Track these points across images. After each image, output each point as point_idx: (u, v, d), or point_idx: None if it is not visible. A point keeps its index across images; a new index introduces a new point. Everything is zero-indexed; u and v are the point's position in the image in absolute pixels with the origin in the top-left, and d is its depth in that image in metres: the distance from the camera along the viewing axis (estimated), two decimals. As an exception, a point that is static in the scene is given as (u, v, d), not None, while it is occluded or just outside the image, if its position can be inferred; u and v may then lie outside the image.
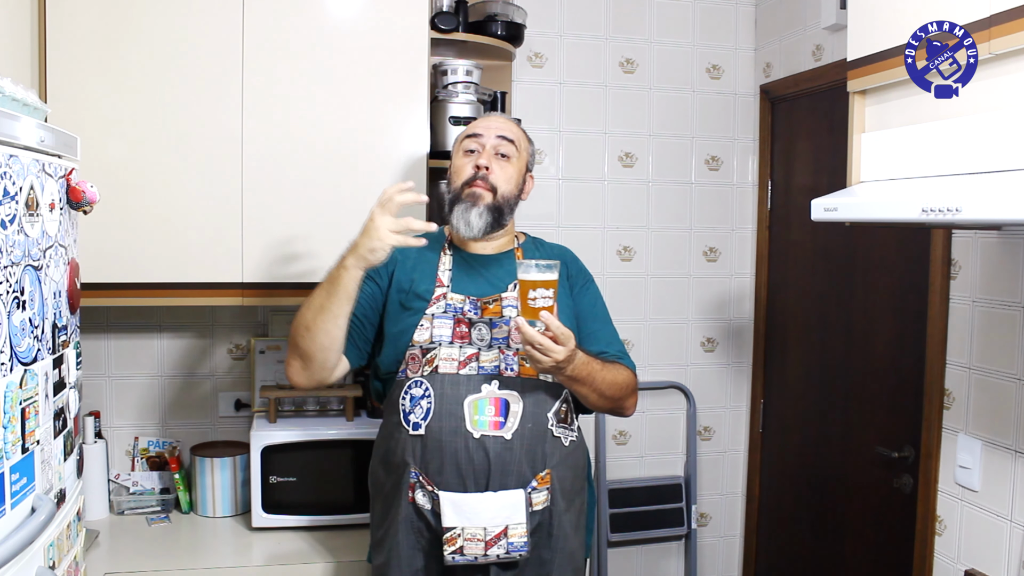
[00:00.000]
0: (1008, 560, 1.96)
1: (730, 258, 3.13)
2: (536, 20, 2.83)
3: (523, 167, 1.95)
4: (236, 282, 2.26)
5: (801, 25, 2.82)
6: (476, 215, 1.85)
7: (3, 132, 1.17)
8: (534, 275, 1.65)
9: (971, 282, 2.11)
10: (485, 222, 1.85)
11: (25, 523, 1.18)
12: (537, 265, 1.65)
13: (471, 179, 1.87)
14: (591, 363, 1.76)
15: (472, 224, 1.85)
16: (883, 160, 1.72)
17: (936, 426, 2.19)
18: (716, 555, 3.20)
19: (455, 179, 1.91)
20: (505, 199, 1.88)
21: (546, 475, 1.80)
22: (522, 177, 1.94)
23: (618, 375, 1.84)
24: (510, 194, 1.90)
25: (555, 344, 1.64)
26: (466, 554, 1.73)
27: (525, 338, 1.64)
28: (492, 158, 1.88)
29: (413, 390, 1.80)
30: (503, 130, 1.91)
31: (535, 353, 1.65)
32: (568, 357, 1.67)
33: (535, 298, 1.64)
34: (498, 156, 1.89)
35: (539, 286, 1.64)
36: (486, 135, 1.90)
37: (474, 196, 1.86)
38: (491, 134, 1.90)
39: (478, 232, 1.86)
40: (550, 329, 1.64)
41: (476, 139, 1.90)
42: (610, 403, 1.86)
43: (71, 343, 1.47)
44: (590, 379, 1.77)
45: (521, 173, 1.94)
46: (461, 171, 1.90)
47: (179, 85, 2.20)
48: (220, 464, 2.44)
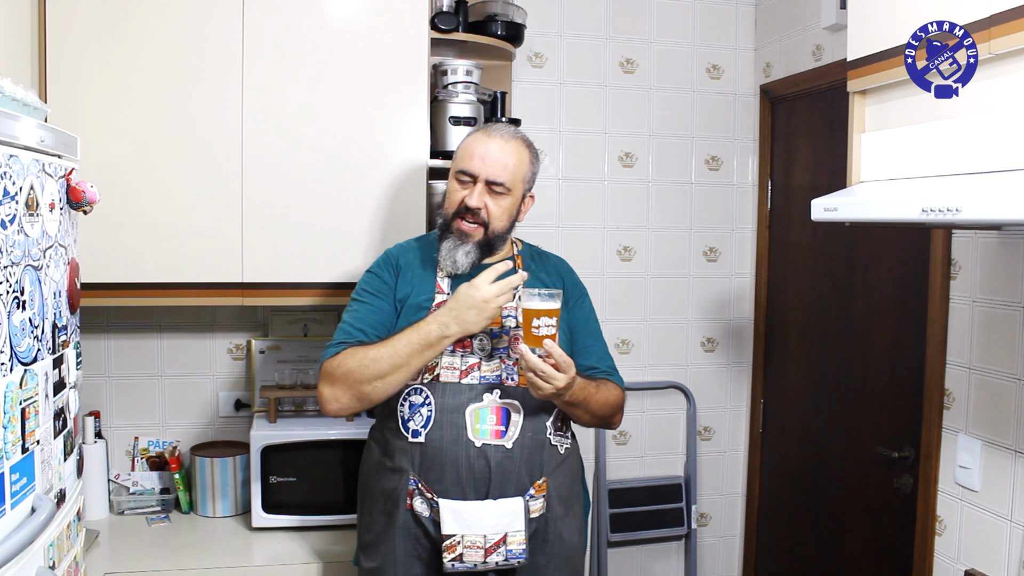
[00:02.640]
0: (1008, 560, 1.96)
1: (730, 258, 3.13)
2: (536, 20, 2.82)
3: (519, 196, 1.89)
4: (236, 282, 2.26)
5: (801, 25, 2.82)
6: (463, 254, 1.83)
7: (3, 132, 1.17)
8: (537, 304, 1.68)
9: (971, 282, 2.11)
10: (472, 260, 1.84)
11: (25, 523, 1.18)
12: (540, 294, 1.69)
13: (461, 213, 1.84)
14: (587, 387, 1.79)
15: (458, 263, 1.84)
16: (883, 160, 1.72)
17: (936, 426, 2.19)
18: (716, 555, 3.20)
19: (447, 205, 1.87)
20: (496, 233, 1.86)
21: (543, 483, 1.83)
22: (518, 205, 1.89)
23: (610, 395, 1.87)
24: (502, 228, 1.87)
25: (556, 372, 1.67)
26: (465, 561, 1.74)
27: (527, 365, 1.67)
28: (484, 194, 1.83)
29: (412, 397, 1.80)
30: (497, 170, 1.82)
31: (537, 380, 1.68)
32: (568, 384, 1.70)
33: (539, 326, 1.67)
34: (492, 192, 1.84)
35: (543, 315, 1.67)
36: (480, 175, 1.82)
37: (462, 234, 1.83)
38: (486, 171, 1.82)
39: (464, 271, 1.84)
40: (552, 357, 1.67)
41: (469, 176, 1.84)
42: (600, 421, 1.90)
43: (71, 343, 1.47)
44: (585, 402, 1.80)
45: (517, 203, 1.88)
46: (452, 199, 1.86)
47: (179, 85, 2.20)
48: (220, 464, 2.44)
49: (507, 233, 1.90)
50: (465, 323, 1.71)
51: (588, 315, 1.99)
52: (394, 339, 1.74)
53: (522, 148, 1.88)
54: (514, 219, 1.90)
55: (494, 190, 1.83)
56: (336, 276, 2.31)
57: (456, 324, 1.71)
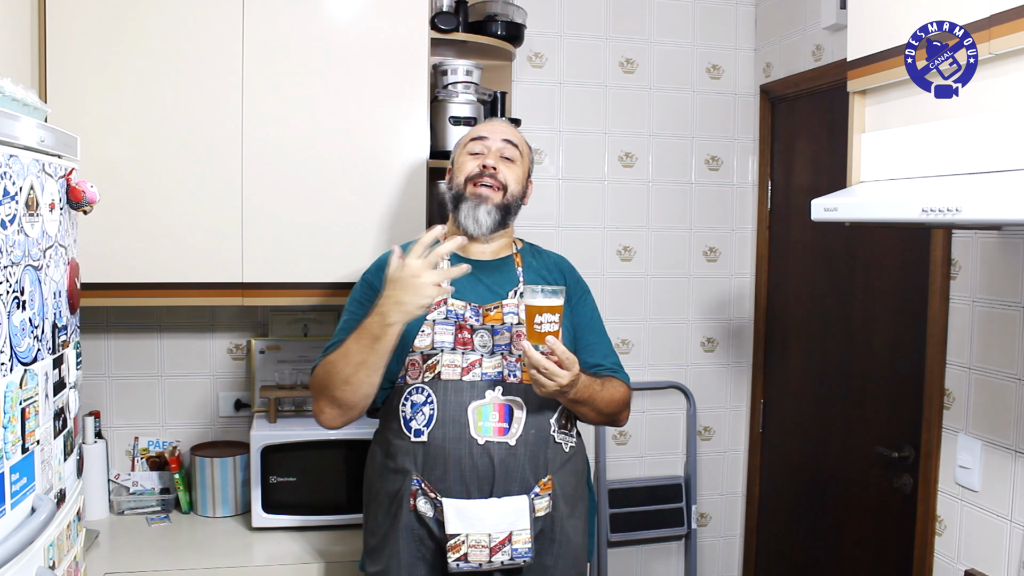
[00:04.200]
0: (1008, 560, 1.96)
1: (730, 258, 3.13)
2: (536, 20, 2.82)
3: (526, 171, 1.95)
4: (236, 282, 2.26)
5: (801, 25, 2.82)
6: (485, 212, 1.85)
7: (3, 132, 1.17)
8: (540, 301, 1.67)
9: (971, 282, 2.11)
10: (494, 220, 1.86)
11: (25, 523, 1.18)
12: (544, 291, 1.68)
13: (476, 176, 1.86)
14: (592, 384, 1.78)
15: (481, 222, 1.85)
16: (883, 160, 1.72)
17: (936, 426, 2.19)
18: (716, 555, 3.20)
19: (458, 175, 1.90)
20: (514, 197, 1.90)
21: (548, 481, 1.81)
22: (525, 181, 1.95)
23: (615, 392, 1.86)
24: (518, 193, 1.91)
25: (560, 369, 1.66)
26: (470, 561, 1.72)
27: (530, 362, 1.66)
28: (499, 160, 1.89)
29: (414, 396, 1.80)
30: (507, 134, 1.93)
31: (540, 377, 1.67)
32: (572, 381, 1.69)
33: (541, 323, 1.67)
34: (503, 159, 1.89)
35: (545, 311, 1.67)
36: (491, 138, 1.90)
37: (480, 196, 1.85)
38: (496, 137, 1.91)
39: (487, 230, 1.86)
40: (555, 354, 1.66)
41: (481, 142, 1.90)
42: (606, 419, 1.89)
43: (71, 343, 1.47)
44: (591, 400, 1.79)
45: (525, 176, 1.95)
46: (464, 167, 1.89)
47: (179, 85, 2.20)
48: (220, 464, 2.44)
49: (519, 203, 1.93)
50: (403, 305, 1.63)
51: (591, 312, 1.98)
52: (347, 340, 1.73)
53: (520, 134, 1.98)
54: (524, 192, 1.94)
55: (505, 156, 1.89)
56: (337, 276, 2.31)
57: (395, 310, 1.63)
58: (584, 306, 1.97)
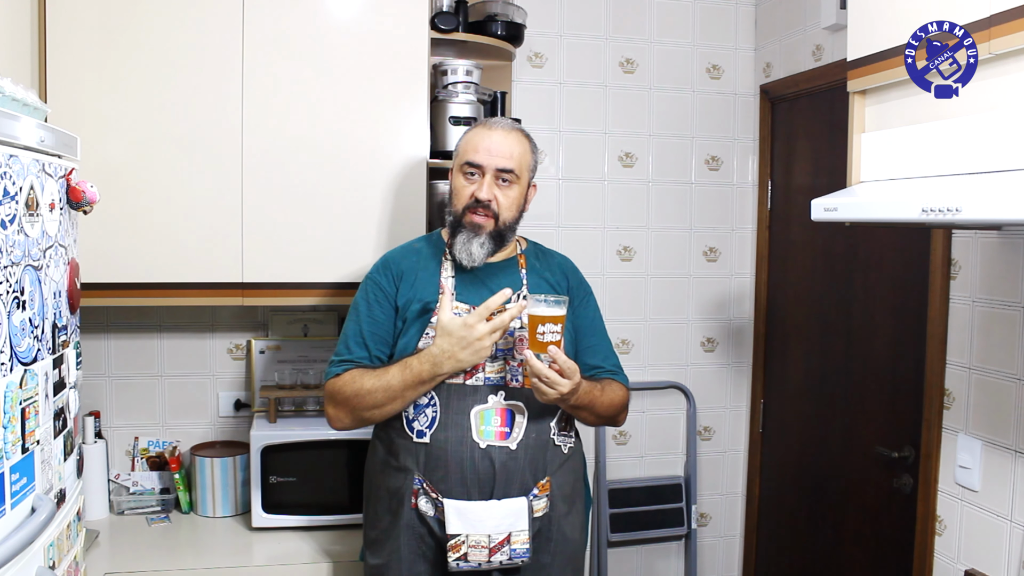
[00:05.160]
0: (1008, 560, 1.96)
1: (730, 258, 3.13)
2: (536, 20, 2.82)
3: (525, 186, 1.91)
4: (236, 282, 2.26)
5: (801, 25, 2.82)
6: (478, 246, 1.84)
7: (3, 132, 1.17)
8: (543, 310, 1.68)
9: (971, 282, 2.11)
10: (487, 251, 1.85)
11: (25, 523, 1.18)
12: (546, 300, 1.69)
13: (472, 206, 1.84)
14: (592, 390, 1.79)
15: (474, 255, 1.84)
16: (883, 160, 1.72)
17: (936, 426, 2.19)
18: (716, 555, 3.20)
19: (455, 201, 1.88)
20: (507, 224, 1.87)
21: (546, 482, 1.84)
22: (524, 195, 1.91)
23: (615, 396, 1.88)
24: (512, 219, 1.89)
25: (561, 378, 1.67)
26: (470, 560, 1.75)
27: (532, 371, 1.67)
28: (493, 185, 1.84)
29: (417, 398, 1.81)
30: (504, 159, 1.84)
31: (541, 386, 1.68)
32: (572, 390, 1.70)
33: (544, 332, 1.68)
34: (499, 182, 1.85)
35: (548, 321, 1.68)
36: (487, 165, 1.84)
37: (475, 226, 1.84)
38: (491, 165, 1.84)
39: (479, 262, 1.85)
40: (557, 363, 1.67)
41: (476, 168, 1.85)
42: (605, 421, 1.92)
43: (71, 343, 1.47)
44: (591, 405, 1.81)
45: (523, 192, 1.91)
46: (461, 194, 1.86)
47: (179, 85, 2.20)
48: (220, 464, 2.44)
49: (516, 223, 1.91)
50: (459, 362, 1.73)
51: (593, 314, 1.99)
52: (389, 373, 1.76)
53: (523, 138, 1.91)
54: (522, 209, 1.91)
55: (502, 179, 1.85)
56: (337, 276, 2.31)
57: (449, 363, 1.73)
58: (586, 308, 1.98)
